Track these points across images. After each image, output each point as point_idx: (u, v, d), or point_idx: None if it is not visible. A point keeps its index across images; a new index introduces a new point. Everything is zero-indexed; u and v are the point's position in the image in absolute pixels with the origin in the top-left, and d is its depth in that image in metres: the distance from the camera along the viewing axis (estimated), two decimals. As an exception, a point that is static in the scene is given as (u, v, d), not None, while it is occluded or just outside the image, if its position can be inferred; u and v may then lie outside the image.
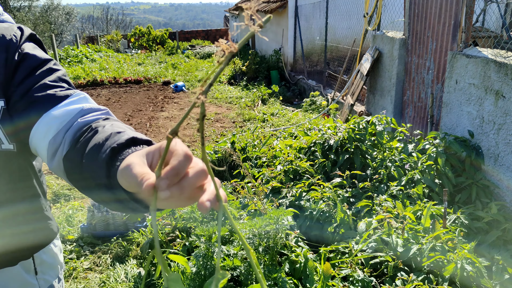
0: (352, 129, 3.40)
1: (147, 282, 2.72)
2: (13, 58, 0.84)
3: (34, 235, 0.93)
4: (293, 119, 6.75)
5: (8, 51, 0.84)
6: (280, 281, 1.95)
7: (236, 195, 3.09)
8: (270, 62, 11.13)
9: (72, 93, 0.83)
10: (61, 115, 0.78)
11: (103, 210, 3.37)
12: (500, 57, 2.86)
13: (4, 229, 0.88)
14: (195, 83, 10.84)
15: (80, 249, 3.22)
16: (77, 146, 0.72)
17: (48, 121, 0.78)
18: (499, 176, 2.83)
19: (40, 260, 0.95)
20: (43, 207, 0.98)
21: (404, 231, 2.26)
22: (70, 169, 0.72)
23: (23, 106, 0.81)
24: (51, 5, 26.61)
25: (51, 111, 0.79)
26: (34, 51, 0.88)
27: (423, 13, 4.28)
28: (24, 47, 0.87)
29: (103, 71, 12.34)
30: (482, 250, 2.34)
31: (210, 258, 2.02)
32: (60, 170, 0.75)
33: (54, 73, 0.86)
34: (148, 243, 2.97)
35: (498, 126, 2.85)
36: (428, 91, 4.21)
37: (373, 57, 5.18)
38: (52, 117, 0.78)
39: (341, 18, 7.95)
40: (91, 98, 0.85)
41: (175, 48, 19.53)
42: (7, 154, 0.86)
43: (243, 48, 16.28)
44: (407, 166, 3.09)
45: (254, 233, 2.08)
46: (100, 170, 0.62)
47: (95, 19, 41.00)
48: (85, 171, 0.68)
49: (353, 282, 2.04)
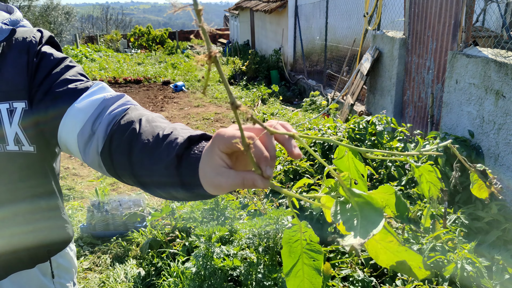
0: (352, 129, 3.40)
1: (147, 282, 2.72)
2: (33, 60, 0.87)
3: (52, 236, 0.94)
4: (293, 119, 6.75)
5: (29, 53, 0.87)
6: (280, 281, 1.95)
7: (236, 195, 3.09)
8: (270, 62, 11.13)
9: (91, 84, 0.86)
10: (85, 107, 0.79)
11: (103, 210, 3.37)
12: (500, 57, 2.86)
13: (23, 228, 0.90)
14: (195, 82, 10.84)
15: (79, 249, 3.21)
16: (115, 143, 0.73)
17: (73, 114, 0.80)
18: (499, 176, 2.83)
19: (56, 264, 0.96)
20: (61, 210, 1.00)
21: (404, 231, 2.26)
22: (113, 167, 0.74)
23: (48, 103, 0.84)
24: (51, 4, 26.59)
25: (75, 104, 0.81)
26: (51, 50, 0.91)
27: (423, 12, 4.27)
28: (42, 48, 0.90)
29: (103, 71, 12.34)
30: (482, 250, 2.34)
31: (210, 258, 2.02)
32: (96, 165, 0.78)
33: (72, 69, 0.89)
34: (148, 243, 2.96)
35: (498, 126, 2.84)
36: (428, 91, 4.21)
37: (373, 57, 5.17)
38: (76, 110, 0.79)
39: (341, 17, 7.95)
40: (108, 86, 0.87)
41: (174, 48, 19.53)
42: (28, 155, 0.87)
43: (243, 48, 16.29)
44: (407, 166, 3.08)
45: (254, 233, 2.08)
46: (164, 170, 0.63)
47: (94, 19, 40.98)
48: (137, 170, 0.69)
49: (353, 282, 2.04)
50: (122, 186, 4.55)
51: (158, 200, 4.09)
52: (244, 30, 18.11)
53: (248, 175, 0.50)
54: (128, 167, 0.70)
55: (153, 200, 4.09)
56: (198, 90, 10.17)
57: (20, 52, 0.87)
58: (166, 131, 0.67)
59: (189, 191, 0.62)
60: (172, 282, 2.39)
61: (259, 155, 0.49)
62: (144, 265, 2.90)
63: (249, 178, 0.50)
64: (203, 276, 2.02)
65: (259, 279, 1.96)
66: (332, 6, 8.26)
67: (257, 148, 0.49)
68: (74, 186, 4.48)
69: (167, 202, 3.47)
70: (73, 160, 5.43)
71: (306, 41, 10.03)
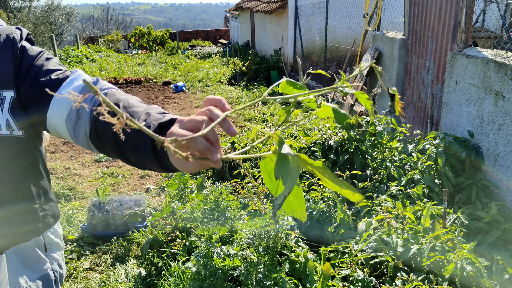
0: (352, 129, 3.41)
1: (147, 282, 2.72)
2: (17, 54, 0.97)
3: (43, 213, 1.04)
4: (293, 119, 6.75)
5: (13, 48, 0.97)
6: (280, 281, 1.96)
7: (236, 195, 3.10)
8: (270, 62, 11.13)
9: (70, 72, 0.97)
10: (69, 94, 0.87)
11: (103, 210, 3.38)
12: (500, 57, 2.86)
13: (19, 205, 1.00)
14: (196, 83, 10.85)
15: (80, 249, 3.22)
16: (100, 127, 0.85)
17: (59, 102, 0.90)
18: (499, 176, 2.83)
19: (48, 239, 1.07)
20: (48, 190, 1.09)
21: (404, 231, 2.27)
22: (102, 146, 0.87)
23: (34, 92, 0.93)
24: (52, 5, 26.61)
25: (59, 92, 0.91)
26: (29, 45, 1.02)
27: (423, 13, 4.28)
28: (22, 43, 1.00)
29: (104, 71, 12.35)
30: (482, 250, 2.34)
31: (211, 258, 2.02)
32: (86, 145, 0.90)
33: (51, 60, 1.00)
34: (148, 243, 2.97)
35: (498, 126, 2.85)
36: (428, 91, 4.21)
37: (373, 57, 5.18)
38: (61, 98, 0.89)
39: (341, 18, 7.95)
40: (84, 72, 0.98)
41: (175, 49, 19.53)
42: (17, 139, 0.96)
43: (243, 48, 16.30)
44: (407, 166, 3.09)
45: (254, 233, 2.09)
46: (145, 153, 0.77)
47: (95, 20, 41.00)
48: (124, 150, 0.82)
49: (353, 282, 2.05)
50: (123, 186, 4.56)
51: (159, 200, 4.10)
52: (244, 31, 18.12)
53: (204, 163, 0.63)
54: (116, 148, 0.83)
55: (154, 200, 4.10)
56: (198, 90, 10.18)
57: (6, 48, 0.96)
58: (141, 118, 0.78)
59: (166, 169, 0.78)
60: (172, 282, 2.39)
61: (204, 150, 0.61)
62: (144, 265, 2.90)
63: (205, 164, 0.64)
64: (203, 276, 2.03)
65: (259, 279, 1.96)
66: (332, 7, 8.27)
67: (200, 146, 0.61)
68: (75, 186, 4.49)
69: (168, 203, 3.48)
70: (73, 160, 5.44)
71: (306, 41, 10.04)
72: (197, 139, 0.62)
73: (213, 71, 12.69)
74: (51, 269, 1.07)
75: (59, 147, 5.97)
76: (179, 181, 3.28)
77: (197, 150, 0.62)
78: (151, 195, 4.27)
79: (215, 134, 0.63)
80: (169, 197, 3.85)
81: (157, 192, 4.34)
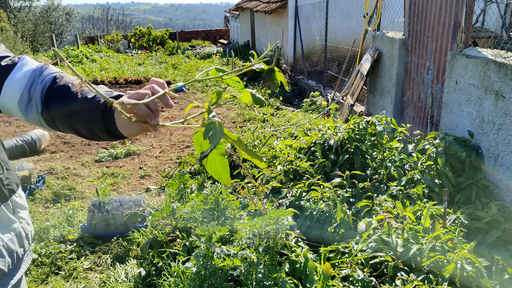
0: (352, 129, 3.41)
1: (147, 282, 2.72)
2: None
3: (7, 181, 1.14)
4: (293, 119, 6.76)
5: None
6: (280, 281, 1.96)
7: (236, 195, 3.10)
8: (270, 63, 11.13)
9: (18, 59, 1.05)
10: (19, 78, 1.00)
11: (103, 210, 3.38)
12: (500, 57, 2.86)
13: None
14: (195, 83, 10.84)
15: (80, 249, 3.22)
16: (52, 105, 0.98)
17: (11, 85, 1.00)
18: (499, 176, 2.84)
19: (14, 202, 1.17)
20: (7, 161, 1.18)
21: (404, 231, 2.27)
22: (52, 122, 1.00)
23: None
24: (52, 5, 26.62)
25: (10, 76, 1.00)
26: None
27: (423, 13, 4.28)
28: None
29: (104, 71, 12.34)
30: (482, 250, 2.35)
31: (210, 258, 2.02)
32: (37, 122, 1.02)
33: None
34: (148, 243, 2.97)
35: (498, 126, 2.85)
36: (428, 91, 4.21)
37: (373, 57, 5.18)
38: (13, 81, 1.00)
39: (341, 18, 7.95)
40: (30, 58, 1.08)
41: (175, 49, 19.53)
42: None
43: (243, 48, 16.31)
44: (407, 166, 3.09)
45: (254, 233, 2.09)
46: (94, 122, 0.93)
47: (95, 20, 41.00)
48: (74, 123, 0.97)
49: (353, 282, 2.05)
50: (123, 186, 4.56)
51: (159, 200, 4.10)
52: (244, 31, 18.12)
53: (144, 126, 0.82)
54: (66, 121, 0.98)
55: (154, 200, 4.10)
56: (198, 90, 10.18)
57: None
58: (92, 94, 0.93)
59: (112, 135, 0.94)
60: (172, 282, 2.39)
61: (145, 116, 0.81)
62: (144, 265, 2.90)
63: (145, 128, 0.83)
64: (203, 276, 2.03)
65: (259, 279, 1.96)
66: (332, 7, 8.27)
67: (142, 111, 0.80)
68: (75, 186, 4.49)
69: (168, 203, 3.48)
70: (73, 160, 5.44)
71: (306, 41, 10.04)
72: (140, 106, 0.79)
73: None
74: (21, 227, 1.18)
75: (59, 147, 5.97)
76: (179, 181, 3.28)
77: (140, 115, 0.79)
78: (151, 195, 4.27)
79: (155, 104, 0.81)
80: (169, 197, 3.85)
81: (157, 192, 4.34)
